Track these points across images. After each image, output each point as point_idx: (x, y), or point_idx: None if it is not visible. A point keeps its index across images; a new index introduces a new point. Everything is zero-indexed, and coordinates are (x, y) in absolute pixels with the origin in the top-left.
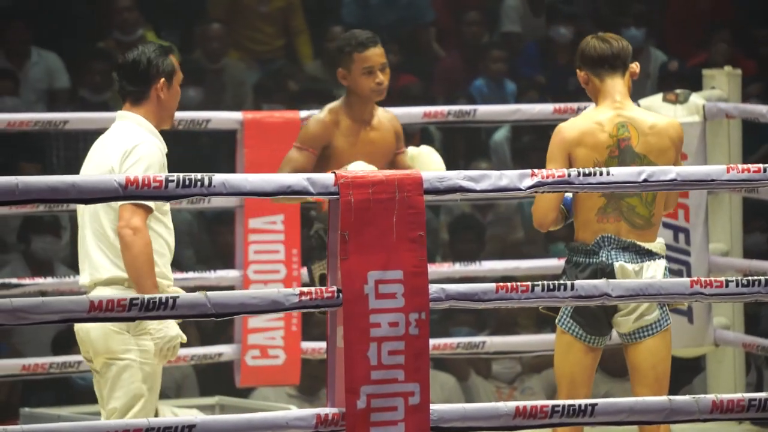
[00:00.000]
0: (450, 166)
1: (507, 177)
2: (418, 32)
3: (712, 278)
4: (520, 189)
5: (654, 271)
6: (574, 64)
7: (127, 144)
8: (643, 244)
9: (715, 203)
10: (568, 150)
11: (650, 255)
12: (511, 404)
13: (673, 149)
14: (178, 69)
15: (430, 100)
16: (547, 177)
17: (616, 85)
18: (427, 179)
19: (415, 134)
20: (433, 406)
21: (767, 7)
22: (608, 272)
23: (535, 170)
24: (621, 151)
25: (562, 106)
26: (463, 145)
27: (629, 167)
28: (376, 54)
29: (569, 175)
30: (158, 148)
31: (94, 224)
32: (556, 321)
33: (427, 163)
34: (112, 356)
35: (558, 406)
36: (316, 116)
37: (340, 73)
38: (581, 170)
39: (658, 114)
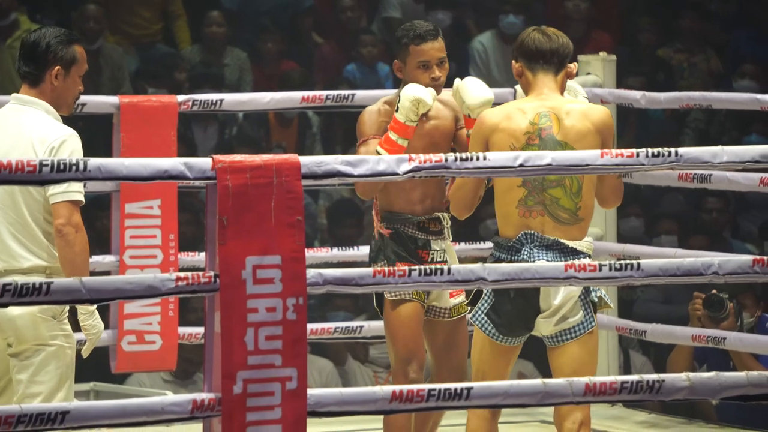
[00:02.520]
0: (328, 151)
1: (385, 162)
2: (297, 19)
3: (586, 262)
4: (397, 174)
5: None
6: (512, 54)
7: (51, 137)
8: (567, 243)
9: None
10: (487, 135)
11: (575, 254)
12: (388, 388)
13: (596, 134)
14: (82, 60)
15: (310, 86)
16: (425, 162)
17: (547, 81)
18: (304, 164)
19: (294, 119)
20: (310, 391)
21: None
22: None
23: (413, 155)
24: (542, 141)
25: None
26: (341, 130)
27: (506, 152)
28: (434, 48)
29: (446, 160)
30: (78, 139)
31: (9, 213)
32: (470, 317)
33: (464, 94)
34: (41, 342)
35: (434, 389)
36: (368, 108)
37: (396, 65)
38: (458, 155)
39: (585, 101)
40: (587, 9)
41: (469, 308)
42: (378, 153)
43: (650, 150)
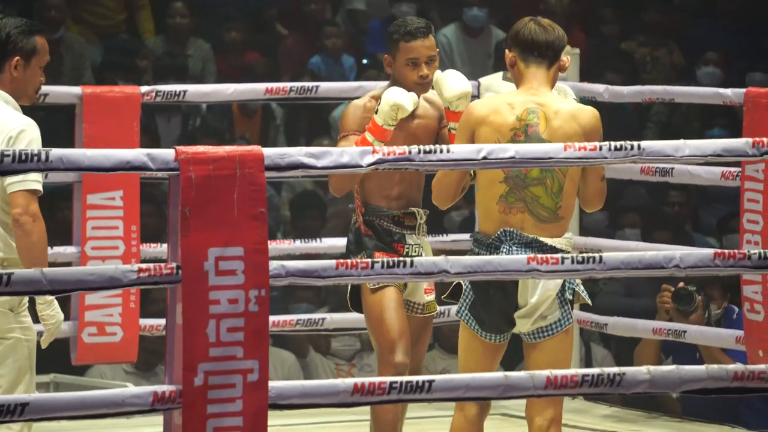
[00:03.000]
0: (292, 143)
1: (348, 154)
2: (262, 9)
3: (549, 255)
4: (361, 166)
5: None
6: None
7: (9, 127)
8: (546, 241)
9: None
10: (473, 128)
11: (554, 252)
12: (350, 381)
13: (582, 137)
14: (44, 51)
15: (275, 77)
16: (388, 154)
17: (539, 74)
18: (268, 156)
19: (257, 110)
20: (271, 383)
21: None
22: None
23: (376, 147)
24: (528, 137)
25: None
26: (305, 122)
27: (469, 144)
28: (423, 46)
29: (410, 152)
30: (37, 129)
31: None
32: (456, 312)
33: (443, 86)
34: None
35: (396, 382)
36: (353, 101)
37: (386, 60)
38: (422, 147)
39: (575, 102)
40: (567, 5)
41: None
42: None
43: (612, 143)
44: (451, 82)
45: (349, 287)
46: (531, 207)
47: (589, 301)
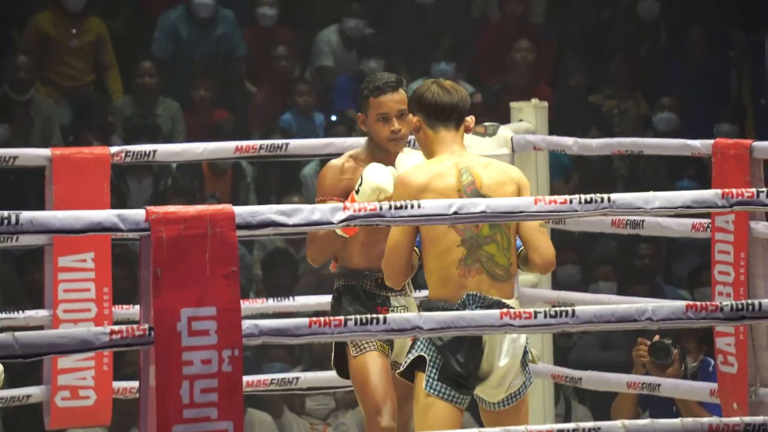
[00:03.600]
0: (263, 201)
1: (319, 211)
2: (231, 67)
3: (522, 309)
4: (332, 223)
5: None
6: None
7: None
8: (507, 302)
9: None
10: (414, 196)
11: None
12: None
13: (512, 183)
14: None
15: (244, 135)
16: (359, 210)
17: (448, 137)
18: (239, 214)
19: (227, 168)
20: None
21: (577, 37)
22: (477, 338)
23: (347, 203)
24: (469, 196)
25: None
26: (275, 180)
27: (440, 200)
28: (392, 100)
29: (381, 209)
30: None
31: None
32: (423, 386)
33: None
34: None
35: None
36: (330, 162)
37: (359, 118)
38: (392, 203)
39: (493, 158)
40: (533, 60)
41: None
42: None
43: (583, 196)
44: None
45: (333, 352)
46: (487, 267)
47: (537, 361)
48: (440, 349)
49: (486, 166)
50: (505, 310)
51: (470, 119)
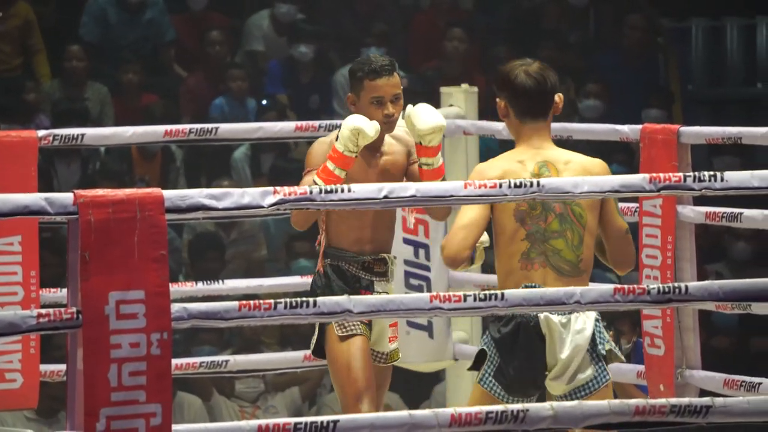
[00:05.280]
0: (192, 184)
1: (249, 195)
2: (160, 51)
3: (451, 293)
4: (262, 207)
5: (583, 323)
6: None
7: None
8: None
9: (454, 218)
10: None
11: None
12: (254, 423)
13: None
14: None
15: (175, 119)
16: (289, 194)
17: (540, 127)
18: (168, 198)
19: (157, 152)
20: (175, 427)
21: (507, 25)
22: (533, 325)
23: (278, 188)
24: None
25: (303, 123)
26: (205, 164)
27: (371, 184)
28: (389, 84)
29: (311, 192)
30: None
31: None
32: (477, 380)
33: (415, 120)
34: None
35: (300, 423)
36: (320, 138)
37: (349, 98)
38: (323, 187)
39: (578, 154)
40: (465, 49)
41: (476, 373)
42: (315, 183)
43: (512, 181)
44: (424, 116)
45: (316, 333)
46: (552, 261)
47: (623, 359)
48: (498, 344)
49: (567, 163)
50: (434, 293)
51: (559, 98)
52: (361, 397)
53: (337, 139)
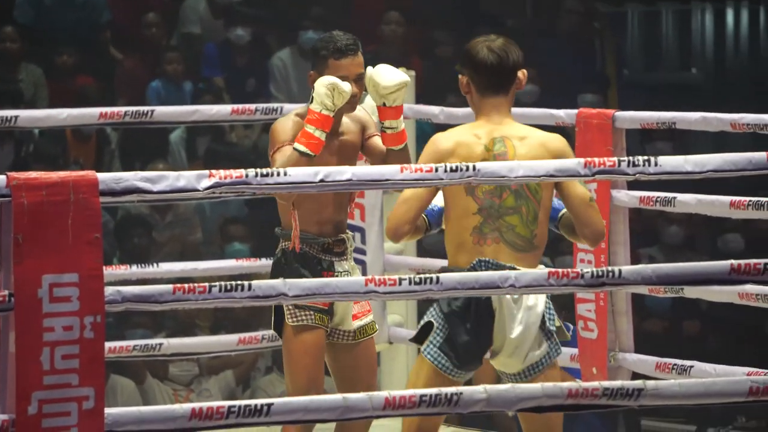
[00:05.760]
0: (127, 167)
1: (184, 178)
2: (95, 33)
3: (386, 276)
4: (197, 190)
5: (535, 299)
6: (457, 66)
7: None
8: (522, 270)
9: (390, 202)
10: (441, 161)
11: None
12: (187, 406)
13: (550, 157)
14: None
15: (110, 101)
16: (225, 178)
17: (500, 102)
18: (102, 181)
19: (92, 135)
20: (107, 410)
21: (445, 10)
22: (484, 301)
23: (213, 171)
24: None
25: (239, 107)
26: (140, 147)
27: (307, 167)
28: (353, 63)
29: (247, 176)
30: None
31: None
32: (422, 349)
33: (378, 79)
34: None
35: (234, 406)
36: (279, 119)
37: (311, 76)
38: (259, 171)
39: (537, 129)
40: (403, 33)
41: (418, 345)
42: (297, 150)
43: (448, 165)
44: (386, 75)
45: (273, 315)
46: (507, 237)
47: (569, 337)
48: (447, 317)
49: (524, 138)
50: (370, 276)
51: (522, 75)
52: (308, 390)
53: (311, 101)
